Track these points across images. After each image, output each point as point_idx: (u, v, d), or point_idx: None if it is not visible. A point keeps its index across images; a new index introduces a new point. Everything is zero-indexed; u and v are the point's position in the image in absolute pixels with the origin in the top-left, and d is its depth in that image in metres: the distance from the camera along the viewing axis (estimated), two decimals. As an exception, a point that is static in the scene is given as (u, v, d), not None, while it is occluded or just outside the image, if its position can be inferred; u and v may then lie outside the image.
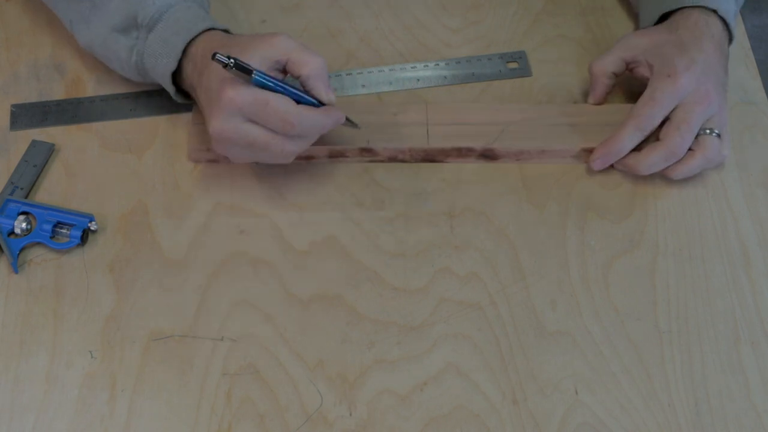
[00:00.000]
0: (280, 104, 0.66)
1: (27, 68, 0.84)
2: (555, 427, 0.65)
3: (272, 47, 0.69)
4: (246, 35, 0.72)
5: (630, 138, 0.74)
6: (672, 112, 0.74)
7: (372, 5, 0.90)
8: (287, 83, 0.68)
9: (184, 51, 0.72)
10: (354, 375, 0.67)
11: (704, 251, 0.74)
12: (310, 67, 0.69)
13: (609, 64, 0.79)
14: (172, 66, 0.73)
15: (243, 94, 0.66)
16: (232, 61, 0.64)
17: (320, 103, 0.70)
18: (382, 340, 0.69)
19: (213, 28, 0.73)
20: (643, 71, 0.77)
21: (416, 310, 0.70)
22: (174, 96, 0.76)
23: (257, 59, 0.67)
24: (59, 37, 0.86)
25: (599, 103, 0.81)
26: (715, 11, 0.78)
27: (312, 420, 0.65)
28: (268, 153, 0.69)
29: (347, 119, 0.73)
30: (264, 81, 0.66)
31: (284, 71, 0.70)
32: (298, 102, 0.68)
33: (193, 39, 0.72)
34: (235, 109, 0.66)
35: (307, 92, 0.70)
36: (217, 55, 0.64)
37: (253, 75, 0.65)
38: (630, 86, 0.82)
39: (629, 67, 0.79)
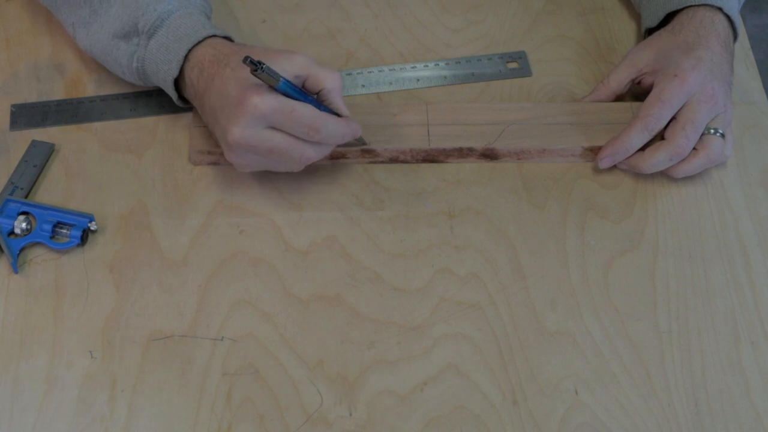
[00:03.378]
0: (306, 111, 0.67)
1: (27, 68, 0.84)
2: (555, 427, 0.65)
3: (293, 62, 0.69)
4: (257, 46, 0.72)
5: (638, 138, 0.74)
6: (678, 111, 0.74)
7: (372, 5, 0.90)
8: (306, 93, 0.69)
9: (186, 57, 0.72)
10: (354, 375, 0.67)
11: (704, 251, 0.74)
12: (329, 82, 0.70)
13: (615, 86, 0.79)
14: (174, 72, 0.73)
15: (268, 101, 0.66)
16: (264, 66, 0.64)
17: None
18: (382, 340, 0.69)
19: (215, 36, 0.73)
20: (649, 79, 0.77)
21: (416, 310, 0.70)
22: (176, 101, 0.76)
23: (278, 70, 0.67)
24: (59, 37, 0.86)
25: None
26: (720, 9, 0.78)
27: (312, 420, 0.65)
28: (285, 159, 0.69)
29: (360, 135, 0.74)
30: (289, 88, 0.67)
31: (301, 86, 0.71)
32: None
33: (194, 46, 0.72)
34: (259, 115, 0.66)
35: (324, 106, 0.70)
36: (249, 58, 0.64)
37: (280, 81, 0.65)
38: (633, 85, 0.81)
39: (636, 81, 0.79)
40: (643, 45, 0.79)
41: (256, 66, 0.64)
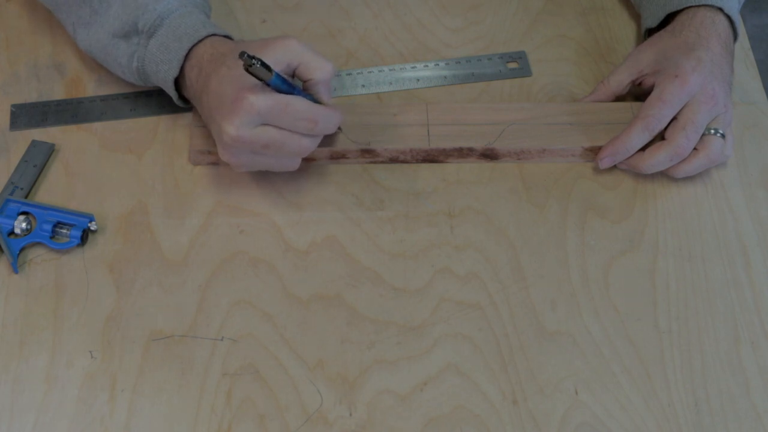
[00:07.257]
0: (300, 105, 0.67)
1: (27, 68, 0.84)
2: (555, 427, 0.65)
3: (286, 50, 0.69)
4: (253, 40, 0.72)
5: (638, 138, 0.74)
6: (678, 111, 0.74)
7: (372, 5, 0.90)
8: (294, 85, 0.69)
9: (187, 57, 0.72)
10: (354, 375, 0.67)
11: (704, 251, 0.74)
12: (320, 73, 0.70)
13: (615, 86, 0.79)
14: (174, 72, 0.73)
15: (263, 99, 0.66)
16: (258, 61, 0.64)
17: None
18: (382, 340, 0.69)
19: (215, 34, 0.73)
20: (650, 80, 0.77)
21: (416, 310, 0.70)
22: (176, 101, 0.76)
23: (271, 61, 0.67)
24: (59, 37, 0.86)
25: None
26: (720, 9, 0.78)
27: (312, 420, 0.65)
28: (282, 153, 0.69)
29: None
30: (280, 82, 0.67)
31: (292, 74, 0.71)
32: None
33: (194, 45, 0.72)
34: (254, 113, 0.66)
35: (309, 95, 0.70)
36: (246, 53, 0.64)
37: (272, 76, 0.65)
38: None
39: (636, 82, 0.79)
40: (643, 46, 0.79)
41: (251, 62, 0.64)
